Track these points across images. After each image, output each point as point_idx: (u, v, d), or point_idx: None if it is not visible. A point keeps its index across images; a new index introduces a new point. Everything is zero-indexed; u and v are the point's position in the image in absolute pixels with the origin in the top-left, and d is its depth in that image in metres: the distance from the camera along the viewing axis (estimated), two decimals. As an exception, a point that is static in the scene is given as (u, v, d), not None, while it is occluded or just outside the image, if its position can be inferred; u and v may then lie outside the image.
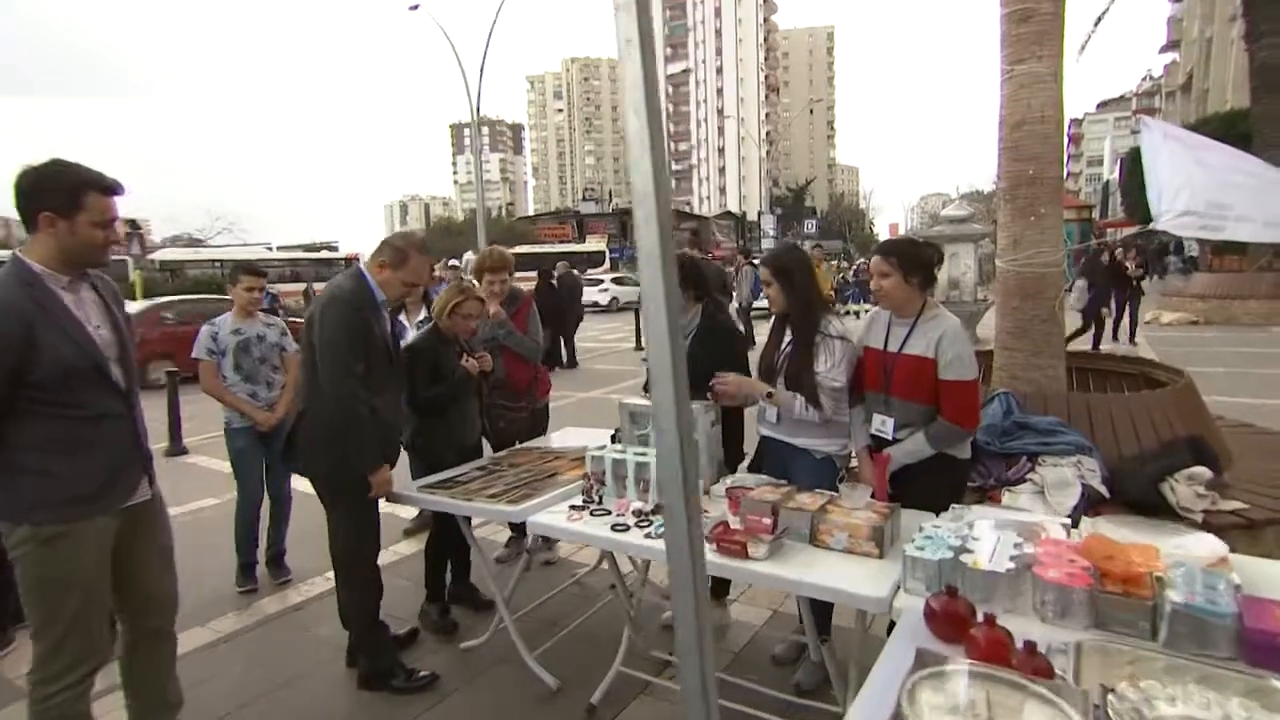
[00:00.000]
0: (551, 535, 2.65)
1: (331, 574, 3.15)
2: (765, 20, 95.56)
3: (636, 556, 2.71)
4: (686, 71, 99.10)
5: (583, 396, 9.76)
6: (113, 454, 2.24)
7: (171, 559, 2.50)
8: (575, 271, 14.49)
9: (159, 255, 25.19)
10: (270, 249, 29.65)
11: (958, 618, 1.59)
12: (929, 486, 2.55)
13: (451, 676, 3.05)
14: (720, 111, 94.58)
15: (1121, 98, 75.57)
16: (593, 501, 2.73)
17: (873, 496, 2.52)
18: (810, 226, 47.22)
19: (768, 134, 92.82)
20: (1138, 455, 3.57)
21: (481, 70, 22.38)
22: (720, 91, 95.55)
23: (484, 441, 3.85)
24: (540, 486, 2.93)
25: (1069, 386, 4.47)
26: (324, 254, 28.97)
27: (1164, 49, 49.05)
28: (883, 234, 75.16)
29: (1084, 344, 10.41)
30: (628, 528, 2.47)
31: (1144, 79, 66.21)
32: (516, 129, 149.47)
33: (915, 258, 2.63)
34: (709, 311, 3.25)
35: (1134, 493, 3.34)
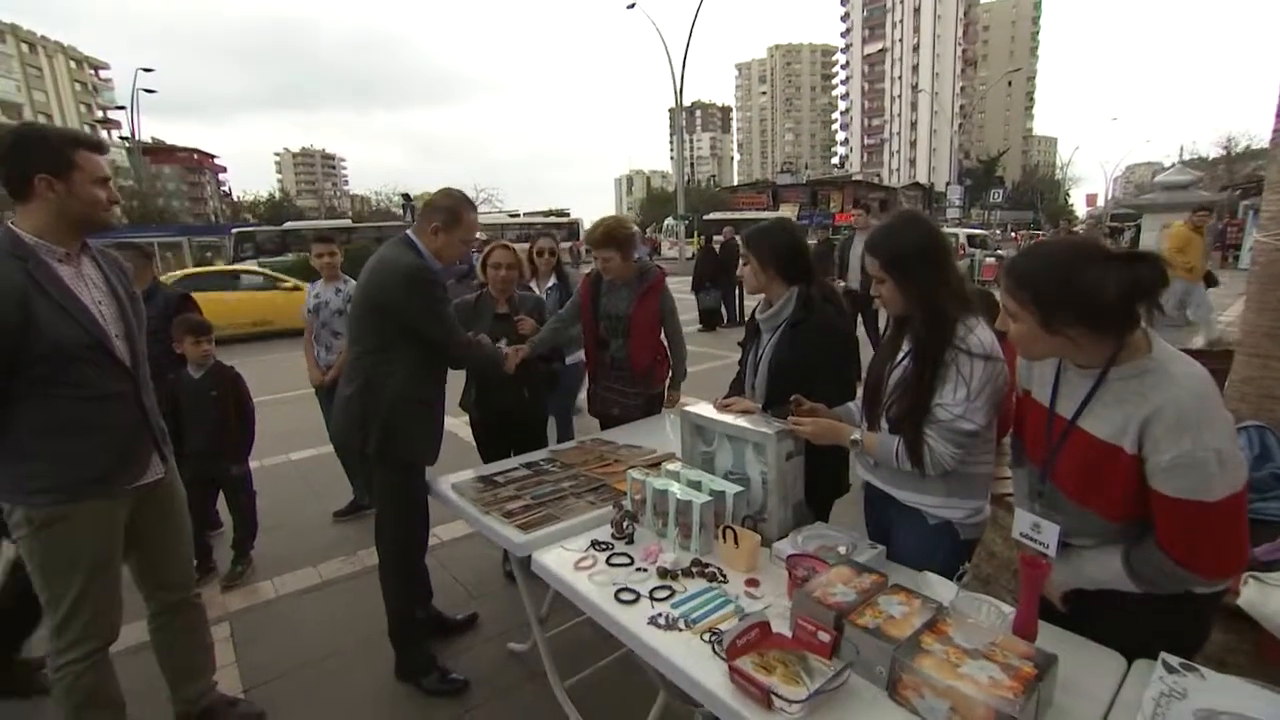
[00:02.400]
0: (551, 583, 1.74)
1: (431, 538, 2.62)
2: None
3: (629, 646, 1.49)
4: (883, 51, 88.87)
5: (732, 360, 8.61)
6: (118, 434, 1.78)
7: (185, 535, 2.07)
8: (739, 238, 13.09)
9: None
10: (516, 215, 31.18)
11: None
12: (1137, 624, 1.30)
13: (481, 686, 2.35)
14: (914, 87, 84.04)
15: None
16: (622, 537, 1.81)
17: (1015, 627, 1.28)
18: (998, 196, 40.54)
19: (961, 107, 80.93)
20: None
21: (685, 58, 21.48)
22: (915, 68, 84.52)
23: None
24: (573, 505, 2.05)
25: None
26: (553, 218, 30.00)
27: None
28: (1079, 206, 63.02)
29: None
30: (636, 597, 1.53)
31: None
32: (725, 110, 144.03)
33: (1060, 288, 1.22)
34: (807, 300, 2.05)
35: None
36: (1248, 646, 1.88)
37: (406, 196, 27.99)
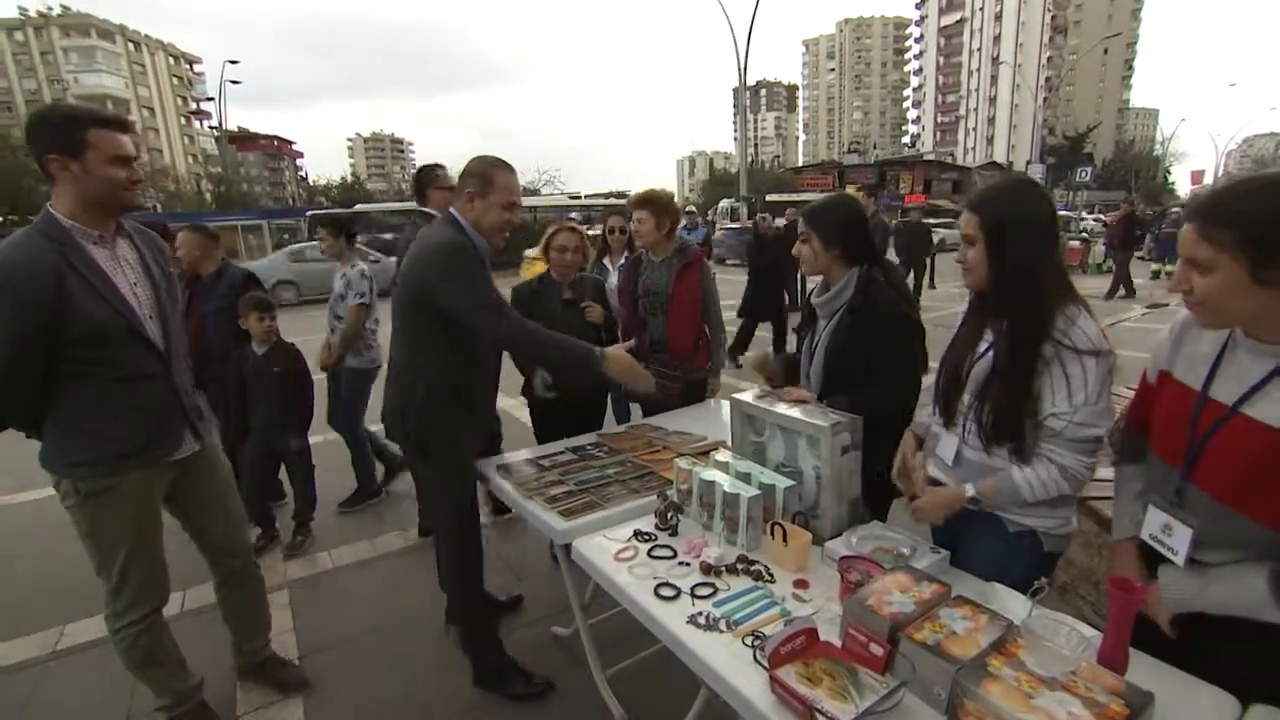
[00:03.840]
0: (590, 573, 1.69)
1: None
2: (1060, -43, 76.57)
3: (666, 645, 1.41)
4: (961, 21, 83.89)
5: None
6: (149, 414, 1.83)
7: (229, 506, 2.15)
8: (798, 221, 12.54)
9: None
10: (578, 196, 31.17)
11: None
12: (1261, 662, 1.11)
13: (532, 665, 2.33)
14: (995, 59, 79.04)
15: None
16: (666, 528, 1.74)
17: (1102, 656, 1.12)
18: (1085, 175, 37.79)
19: (1047, 79, 75.67)
20: None
21: (750, 35, 20.94)
22: (997, 39, 79.46)
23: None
24: (617, 492, 1.98)
25: None
26: (614, 200, 29.81)
27: None
28: (1181, 185, 58.00)
29: None
30: (676, 594, 1.45)
31: None
32: (791, 89, 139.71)
33: None
34: (869, 283, 1.88)
35: None
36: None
37: None
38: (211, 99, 35.49)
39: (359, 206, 23.44)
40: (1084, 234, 17.41)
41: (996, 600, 1.35)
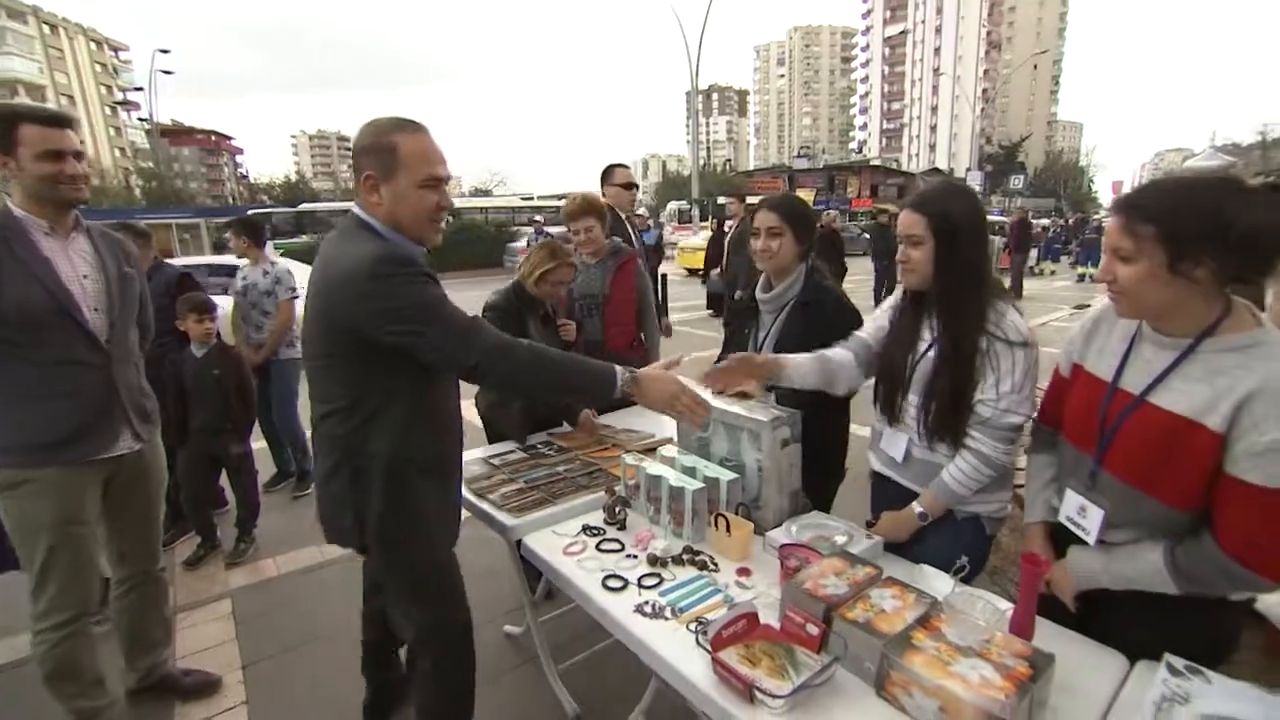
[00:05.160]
0: (539, 567, 1.72)
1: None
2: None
3: (614, 634, 1.43)
4: (904, 33, 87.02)
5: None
6: (81, 403, 1.79)
7: (155, 512, 2.11)
8: (749, 221, 12.84)
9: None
10: (530, 197, 30.87)
11: None
12: (1151, 628, 1.22)
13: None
14: (936, 71, 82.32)
15: None
16: (614, 522, 1.78)
17: (1013, 626, 1.23)
18: (1019, 183, 39.78)
19: (984, 91, 79.14)
20: None
21: (701, 41, 21.26)
22: (938, 50, 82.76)
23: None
24: (567, 489, 2.01)
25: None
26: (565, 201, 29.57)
27: None
28: (1104, 193, 61.52)
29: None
30: (624, 585, 1.50)
31: None
32: (742, 94, 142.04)
33: (1202, 219, 1.07)
34: (814, 277, 2.00)
35: None
36: (1258, 642, 1.82)
37: None
38: (140, 89, 33.67)
39: (304, 205, 22.71)
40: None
41: (924, 580, 1.44)
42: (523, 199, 30.26)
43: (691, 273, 14.85)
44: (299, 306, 3.83)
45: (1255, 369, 1.08)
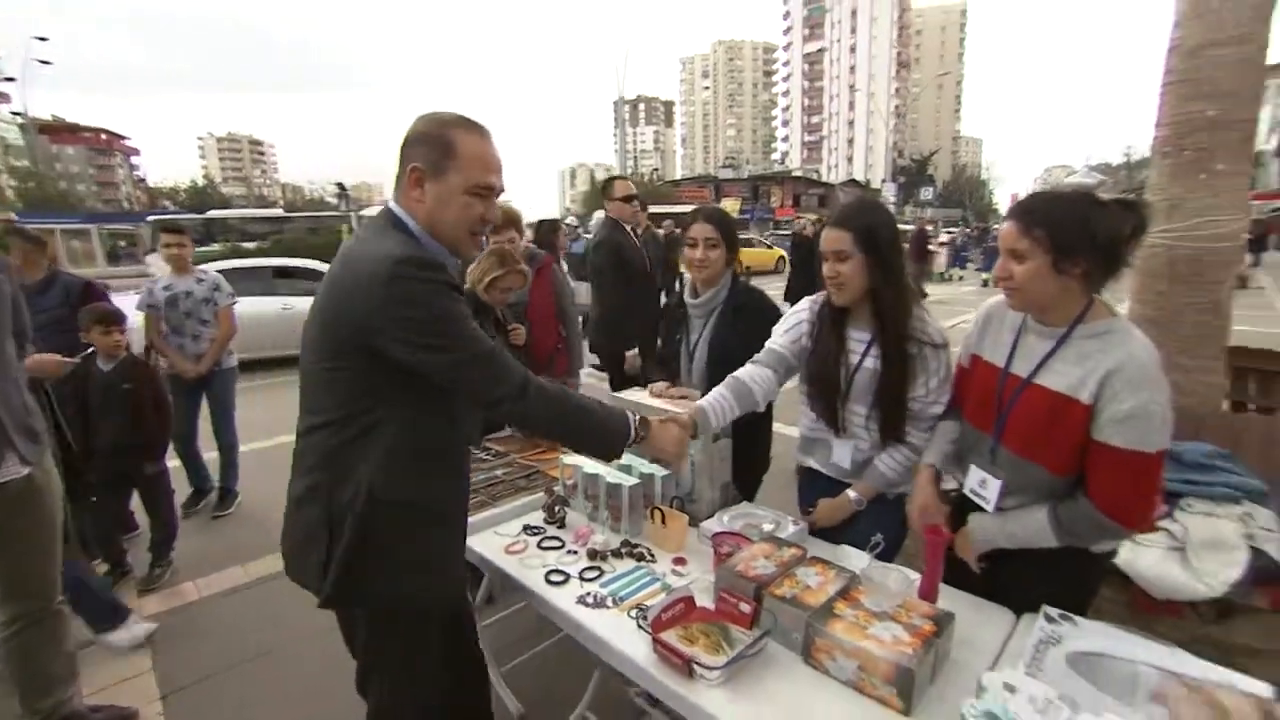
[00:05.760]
0: (482, 567, 1.74)
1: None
2: (900, 1, 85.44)
3: (559, 624, 1.49)
4: (822, 51, 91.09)
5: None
6: None
7: (44, 539, 1.92)
8: (679, 231, 13.23)
9: (366, 211, 26.16)
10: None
11: None
12: (1038, 574, 1.41)
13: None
14: (852, 87, 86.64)
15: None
16: (554, 521, 1.84)
17: (921, 592, 1.39)
18: (929, 194, 42.38)
19: (896, 107, 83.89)
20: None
21: (628, 52, 21.43)
22: (853, 68, 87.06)
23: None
24: (506, 491, 2.05)
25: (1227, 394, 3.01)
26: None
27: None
28: (1004, 205, 66.52)
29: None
30: (566, 578, 1.56)
31: (1312, 44, 52.45)
32: (668, 104, 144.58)
33: (1082, 229, 1.27)
34: (739, 282, 2.15)
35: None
36: (1124, 598, 2.08)
37: (341, 186, 25.61)
38: (12, 79, 30.51)
39: (212, 212, 21.42)
40: (930, 249, 19.61)
41: (845, 558, 1.58)
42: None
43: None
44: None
45: (1112, 351, 1.29)
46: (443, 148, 1.25)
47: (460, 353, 1.22)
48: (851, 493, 1.75)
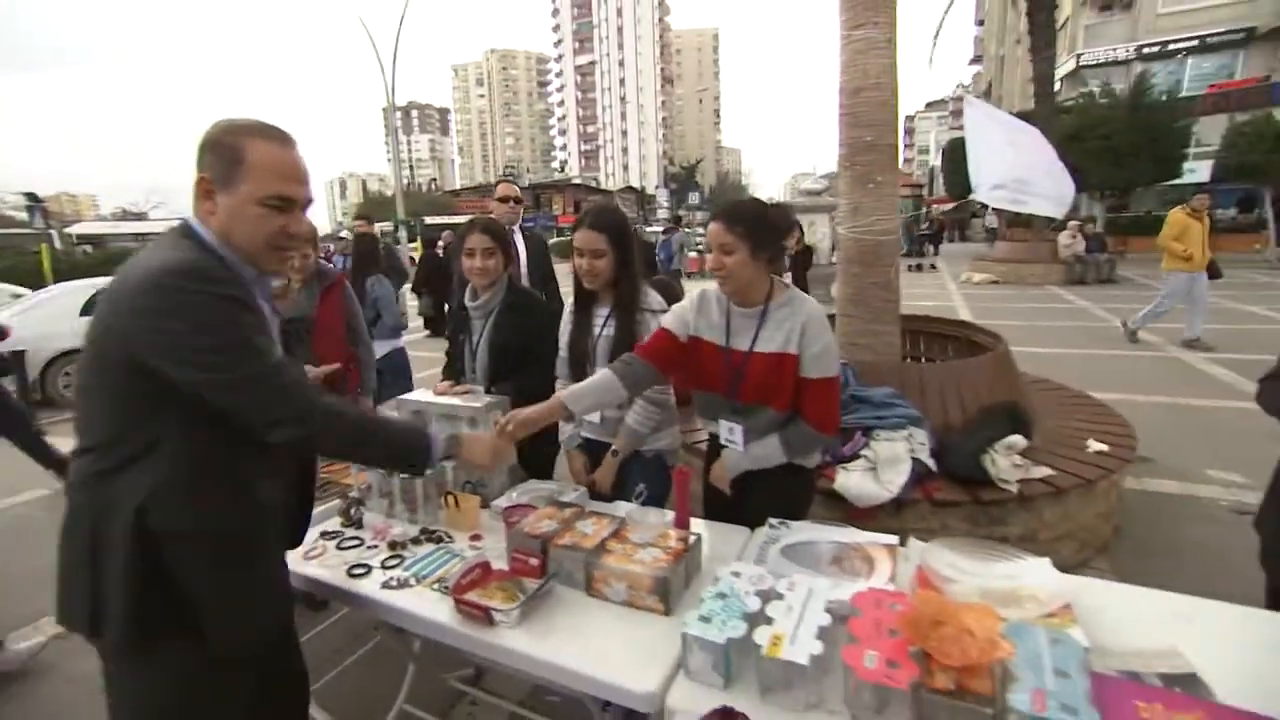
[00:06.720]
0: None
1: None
2: (660, 20, 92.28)
3: (373, 612, 1.58)
4: (593, 63, 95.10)
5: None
6: None
7: None
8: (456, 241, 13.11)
9: (76, 229, 21.33)
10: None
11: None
12: (769, 498, 1.81)
13: None
14: (623, 99, 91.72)
15: (943, 100, 77.83)
16: (351, 523, 1.88)
17: (676, 522, 1.69)
18: (696, 199, 46.77)
19: (663, 119, 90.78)
20: (961, 427, 3.02)
21: (394, 59, 20.45)
22: (623, 81, 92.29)
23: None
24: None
25: (903, 349, 3.93)
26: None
27: (972, 62, 49.97)
28: (760, 208, 75.33)
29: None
30: (368, 570, 1.63)
31: (958, 86, 67.69)
32: (444, 112, 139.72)
33: (766, 226, 1.71)
34: (514, 283, 2.38)
35: (958, 466, 2.79)
36: (839, 514, 2.69)
37: (33, 196, 19.58)
38: None
39: None
40: (699, 247, 21.74)
41: (617, 510, 1.86)
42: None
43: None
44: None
45: (797, 314, 1.75)
46: (231, 157, 1.18)
47: (226, 372, 1.13)
48: (613, 450, 2.09)
